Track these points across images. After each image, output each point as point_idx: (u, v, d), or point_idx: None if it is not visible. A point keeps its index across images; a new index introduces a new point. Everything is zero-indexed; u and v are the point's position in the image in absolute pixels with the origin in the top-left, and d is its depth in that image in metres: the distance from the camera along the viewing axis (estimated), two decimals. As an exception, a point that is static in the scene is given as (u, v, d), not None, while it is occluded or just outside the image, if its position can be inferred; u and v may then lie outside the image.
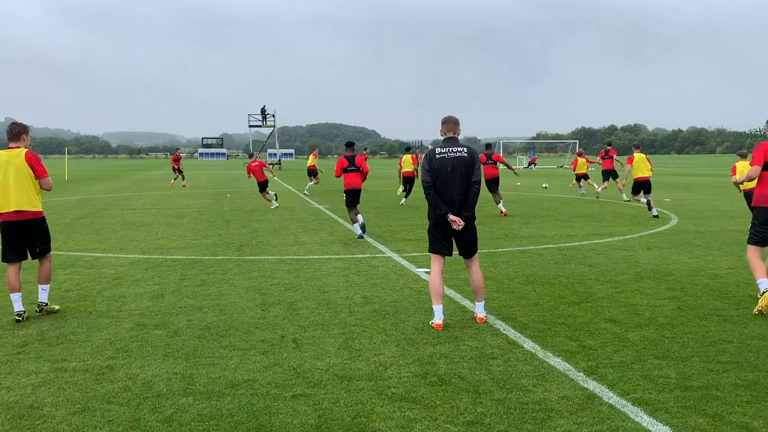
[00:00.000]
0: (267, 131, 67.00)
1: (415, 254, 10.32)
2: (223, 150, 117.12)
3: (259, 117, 62.68)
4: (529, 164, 62.12)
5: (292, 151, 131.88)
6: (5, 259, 6.60)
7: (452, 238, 6.25)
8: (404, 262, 9.57)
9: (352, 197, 12.63)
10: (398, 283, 8.11)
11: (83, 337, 5.81)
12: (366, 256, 10.19)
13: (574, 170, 25.04)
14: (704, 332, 5.90)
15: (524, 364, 5.07)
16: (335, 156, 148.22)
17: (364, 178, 12.81)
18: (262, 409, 4.21)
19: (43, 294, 6.73)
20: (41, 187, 6.65)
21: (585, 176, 24.29)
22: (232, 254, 10.41)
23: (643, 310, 6.69)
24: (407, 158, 21.03)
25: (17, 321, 6.37)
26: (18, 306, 6.46)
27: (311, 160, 26.85)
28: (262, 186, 19.14)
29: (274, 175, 27.75)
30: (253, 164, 19.46)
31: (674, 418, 4.05)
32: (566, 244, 11.30)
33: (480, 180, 6.16)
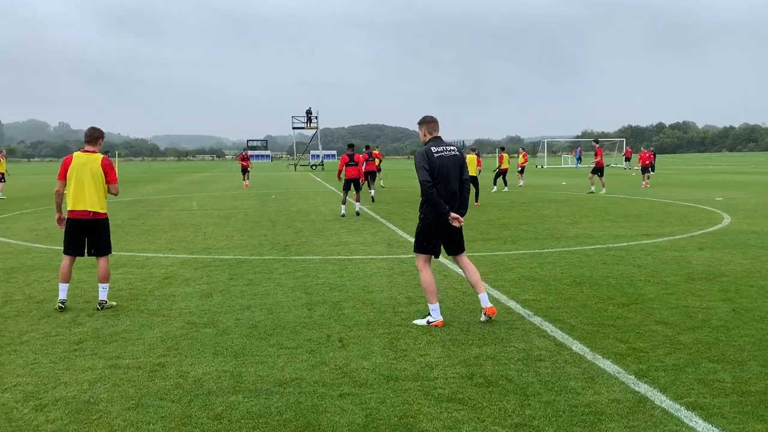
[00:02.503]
0: (310, 133, 67.61)
1: (459, 255, 10.26)
2: (268, 152, 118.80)
3: (303, 119, 63.33)
4: (578, 159, 62.70)
5: (334, 152, 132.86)
6: (65, 251, 7.12)
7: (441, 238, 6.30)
8: (447, 263, 9.52)
9: (354, 184, 17.07)
10: (442, 283, 8.08)
11: (136, 335, 5.98)
12: (409, 256, 10.19)
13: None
14: (761, 335, 5.71)
15: (573, 366, 4.99)
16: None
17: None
18: (309, 408, 4.26)
19: (102, 292, 7.06)
20: (109, 192, 7.18)
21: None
22: (278, 254, 10.55)
23: (695, 312, 6.51)
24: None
25: (60, 309, 6.87)
26: (62, 295, 6.98)
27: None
28: None
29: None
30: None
31: (731, 424, 3.92)
32: (614, 245, 11.07)
33: (469, 178, 6.42)
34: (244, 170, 32.52)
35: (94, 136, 7.11)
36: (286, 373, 4.93)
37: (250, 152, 42.20)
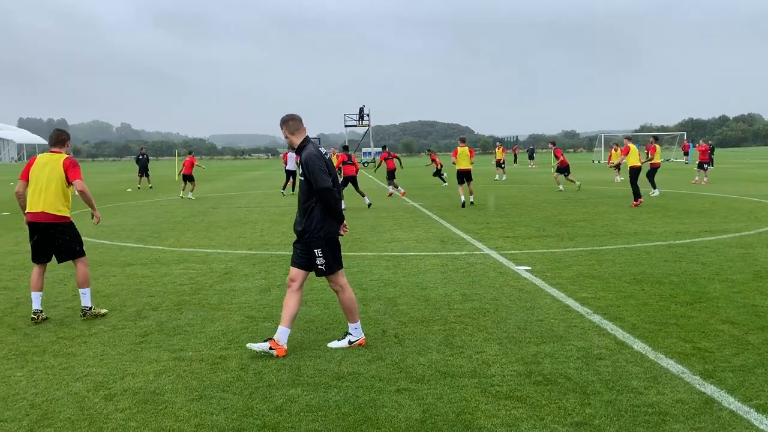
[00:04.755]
0: (362, 130, 68.02)
1: (513, 251, 10.16)
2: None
3: (355, 117, 63.70)
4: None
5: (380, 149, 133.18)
6: (32, 258, 6.71)
7: None
8: (503, 260, 9.44)
9: (350, 182, 18.75)
10: (497, 280, 8.01)
11: (198, 329, 6.15)
12: (463, 253, 10.14)
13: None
14: (837, 336, 5.43)
15: (634, 365, 4.87)
16: (423, 153, 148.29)
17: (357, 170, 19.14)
18: (367, 402, 4.30)
19: (83, 298, 6.64)
20: (77, 191, 6.57)
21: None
22: (332, 251, 10.65)
23: (764, 311, 6.25)
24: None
25: (32, 320, 6.45)
26: (35, 305, 6.52)
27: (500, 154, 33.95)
28: (189, 178, 23.79)
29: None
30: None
31: (805, 428, 3.76)
32: (676, 242, 10.74)
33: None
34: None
35: (60, 138, 6.74)
36: (344, 367, 4.99)
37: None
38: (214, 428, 3.97)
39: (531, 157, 53.21)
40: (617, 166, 28.01)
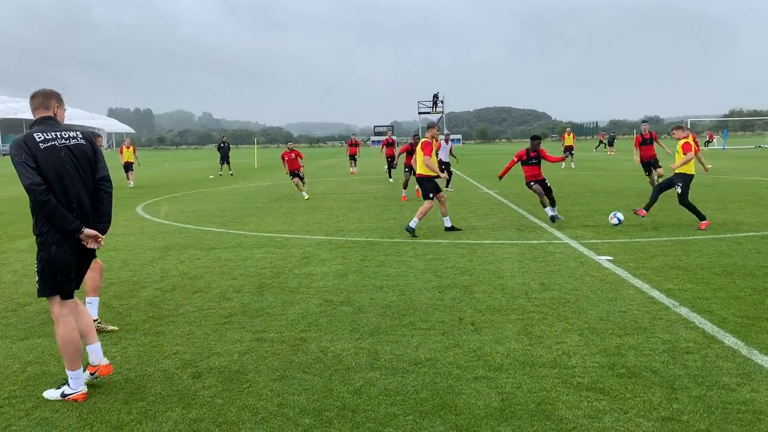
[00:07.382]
0: (435, 117, 67.57)
1: (594, 241, 9.87)
2: (394, 137, 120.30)
3: (428, 103, 63.44)
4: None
5: (459, 136, 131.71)
6: None
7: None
8: (583, 249, 9.19)
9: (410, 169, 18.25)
10: (577, 270, 7.81)
11: (279, 311, 6.32)
12: (541, 241, 9.94)
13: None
14: None
15: (725, 360, 4.66)
16: (502, 140, 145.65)
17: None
18: (445, 389, 4.31)
19: (89, 307, 5.77)
20: None
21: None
22: (407, 237, 10.69)
23: None
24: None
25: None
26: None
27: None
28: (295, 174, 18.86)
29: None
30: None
31: None
32: (770, 232, 10.13)
33: (110, 176, 4.54)
34: (353, 157, 31.79)
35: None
36: (421, 353, 5.01)
37: (374, 138, 42.52)
38: (295, 408, 4.09)
39: (611, 144, 51.51)
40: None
